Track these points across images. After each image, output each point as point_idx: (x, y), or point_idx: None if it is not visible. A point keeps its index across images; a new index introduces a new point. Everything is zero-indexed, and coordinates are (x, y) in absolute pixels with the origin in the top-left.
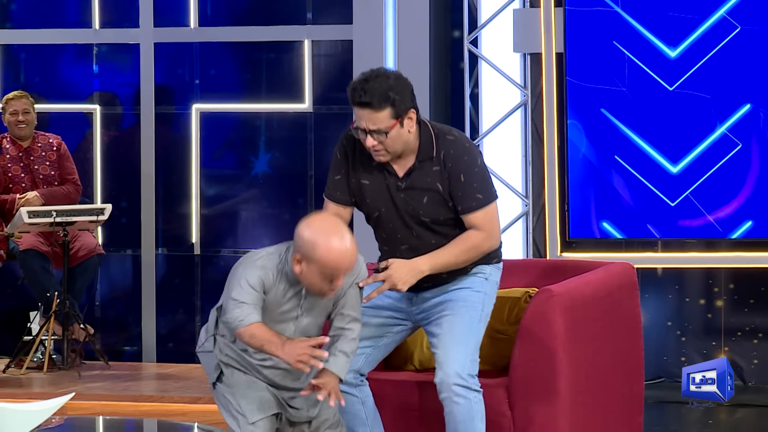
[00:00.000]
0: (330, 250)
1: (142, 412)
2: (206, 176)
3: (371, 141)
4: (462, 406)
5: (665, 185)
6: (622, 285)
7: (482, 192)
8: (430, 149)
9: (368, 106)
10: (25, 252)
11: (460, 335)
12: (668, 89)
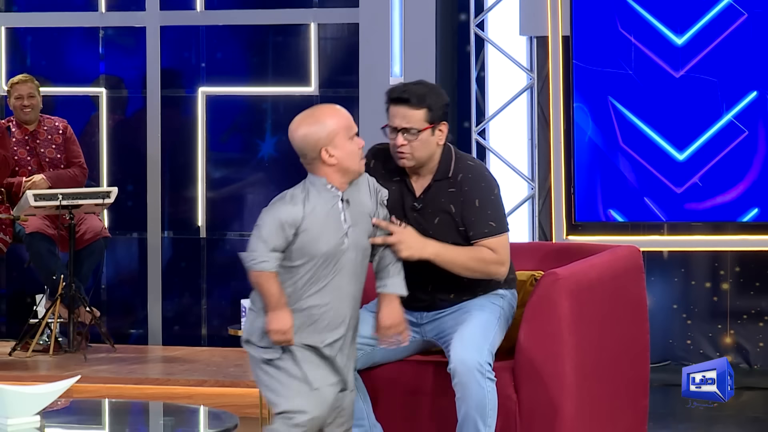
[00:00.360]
0: (334, 112)
1: (147, 395)
2: (212, 159)
3: (401, 140)
4: (477, 392)
5: (671, 172)
6: (628, 268)
7: (496, 221)
8: (447, 169)
9: (406, 102)
10: (31, 235)
11: (479, 328)
12: (675, 76)
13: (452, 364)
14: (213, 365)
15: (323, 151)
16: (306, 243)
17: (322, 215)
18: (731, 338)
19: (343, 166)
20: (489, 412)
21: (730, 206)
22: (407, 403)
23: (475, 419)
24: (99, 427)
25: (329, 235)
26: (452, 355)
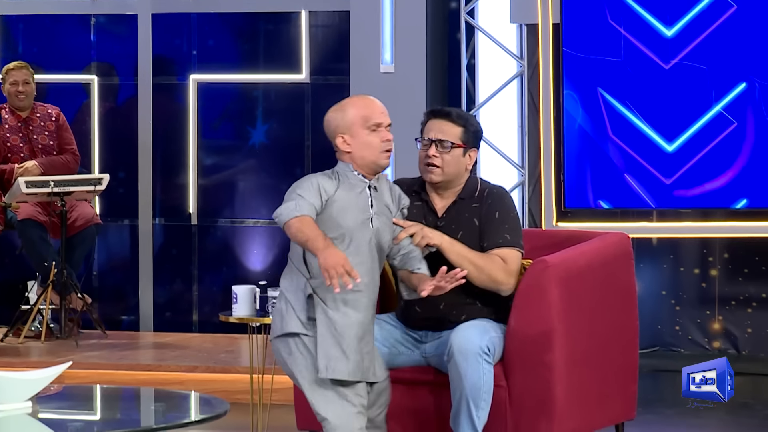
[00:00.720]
0: (360, 100)
1: (139, 381)
2: (204, 147)
3: (433, 150)
4: (473, 373)
5: (660, 163)
6: (618, 255)
7: (511, 235)
8: (473, 190)
9: (446, 116)
10: (23, 222)
11: (480, 325)
12: (664, 67)
13: (450, 346)
14: (204, 351)
15: (339, 137)
16: (335, 213)
17: (352, 193)
18: (720, 324)
19: (357, 155)
20: (483, 396)
21: (718, 193)
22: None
23: (468, 401)
24: (91, 412)
25: (356, 211)
26: (452, 339)
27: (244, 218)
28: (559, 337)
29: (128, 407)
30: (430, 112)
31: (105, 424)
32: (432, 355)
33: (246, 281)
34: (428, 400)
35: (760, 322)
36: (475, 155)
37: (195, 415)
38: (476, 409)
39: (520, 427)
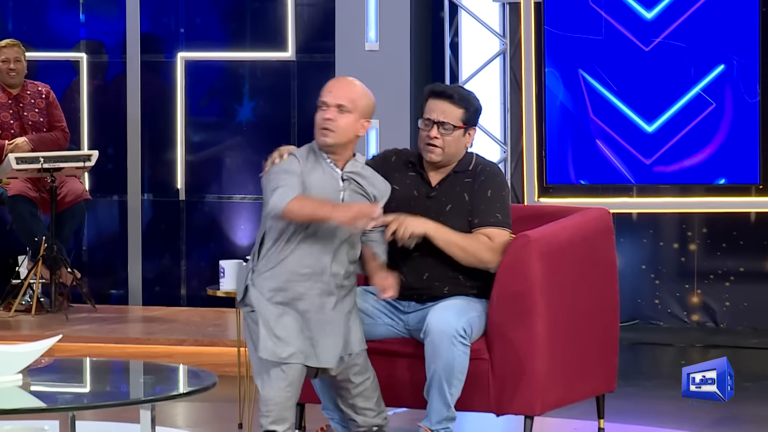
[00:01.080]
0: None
1: (128, 354)
2: (191, 123)
3: (435, 132)
4: (447, 353)
5: (640, 143)
6: (598, 230)
7: (502, 214)
8: (467, 165)
9: (449, 98)
10: (13, 198)
11: (460, 305)
12: (644, 50)
13: (427, 325)
14: (192, 325)
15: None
16: (305, 188)
17: (319, 176)
18: (698, 298)
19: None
20: (457, 375)
21: (697, 169)
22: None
23: (441, 378)
24: (81, 385)
25: (324, 190)
26: (429, 318)
27: (232, 194)
28: (540, 311)
29: (118, 380)
30: (432, 92)
31: (95, 396)
32: (414, 328)
33: (233, 256)
34: (407, 372)
35: (738, 296)
36: (474, 133)
37: (183, 388)
38: (449, 386)
39: (502, 399)
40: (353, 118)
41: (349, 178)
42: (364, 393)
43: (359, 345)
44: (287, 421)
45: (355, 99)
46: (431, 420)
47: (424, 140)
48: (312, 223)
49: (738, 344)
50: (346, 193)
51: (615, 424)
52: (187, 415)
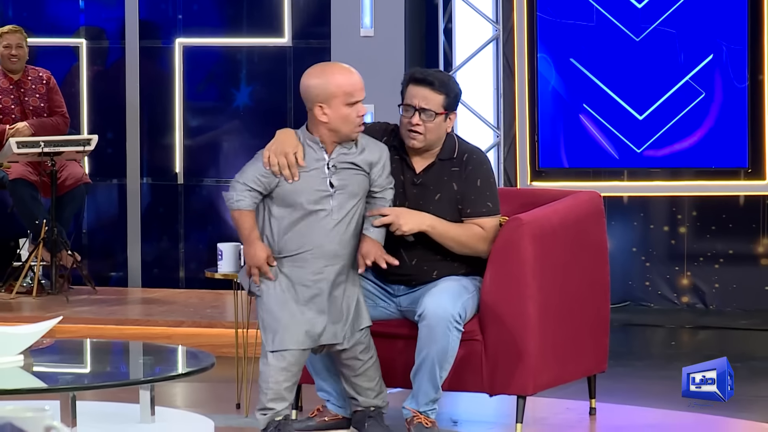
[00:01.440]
0: (343, 74)
1: (127, 335)
2: (189, 108)
3: (417, 119)
4: (442, 339)
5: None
6: (590, 213)
7: (492, 202)
8: (452, 151)
9: (430, 85)
10: (14, 181)
11: (453, 289)
12: (635, 39)
13: (423, 310)
14: (190, 307)
15: (317, 107)
16: (288, 192)
17: (305, 171)
18: (688, 280)
19: (332, 126)
20: (448, 359)
21: (687, 153)
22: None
23: (433, 362)
24: (81, 366)
25: (310, 192)
26: (425, 303)
27: (229, 178)
28: (532, 292)
29: (117, 360)
30: (412, 78)
31: (95, 377)
32: (407, 309)
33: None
34: (402, 353)
35: (727, 278)
36: (454, 117)
37: (182, 368)
38: (440, 370)
39: (495, 379)
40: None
41: (335, 164)
42: (367, 372)
43: (367, 320)
44: (285, 401)
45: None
46: (419, 401)
47: (406, 126)
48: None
49: (727, 325)
50: (332, 178)
51: (606, 404)
52: (186, 396)
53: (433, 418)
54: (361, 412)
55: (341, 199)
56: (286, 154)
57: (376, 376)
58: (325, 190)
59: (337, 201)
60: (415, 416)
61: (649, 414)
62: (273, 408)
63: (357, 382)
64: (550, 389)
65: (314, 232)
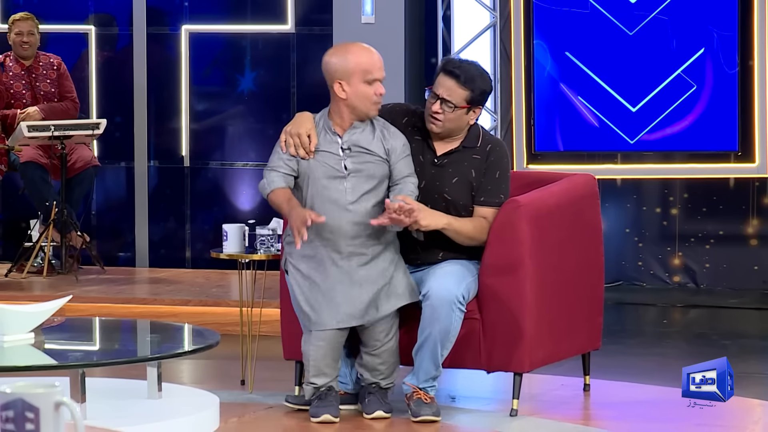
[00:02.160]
0: (361, 51)
1: (135, 314)
2: (195, 93)
3: (437, 107)
4: (445, 318)
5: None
6: (584, 195)
7: (504, 195)
8: (476, 140)
9: (456, 78)
10: (25, 164)
11: (457, 271)
12: (628, 33)
13: (428, 291)
14: (196, 286)
15: (336, 83)
16: (304, 170)
17: (320, 151)
18: (680, 260)
19: (352, 104)
20: (450, 338)
21: (679, 137)
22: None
23: (435, 341)
24: (90, 343)
25: (325, 168)
26: (430, 284)
27: (234, 161)
28: (529, 272)
29: (126, 338)
30: (444, 69)
31: (104, 354)
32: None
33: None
34: (405, 331)
35: (717, 258)
36: (479, 111)
37: (188, 346)
38: (442, 348)
39: (492, 356)
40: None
41: (349, 147)
42: (381, 354)
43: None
44: (327, 376)
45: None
46: (419, 378)
47: (428, 111)
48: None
49: (717, 304)
50: (347, 161)
51: (600, 381)
52: (192, 372)
53: (432, 395)
54: (365, 387)
55: (355, 182)
56: (299, 135)
57: (390, 360)
58: (340, 171)
59: (351, 183)
60: (415, 392)
61: (641, 390)
62: (315, 383)
63: (368, 360)
64: (546, 366)
65: (332, 213)
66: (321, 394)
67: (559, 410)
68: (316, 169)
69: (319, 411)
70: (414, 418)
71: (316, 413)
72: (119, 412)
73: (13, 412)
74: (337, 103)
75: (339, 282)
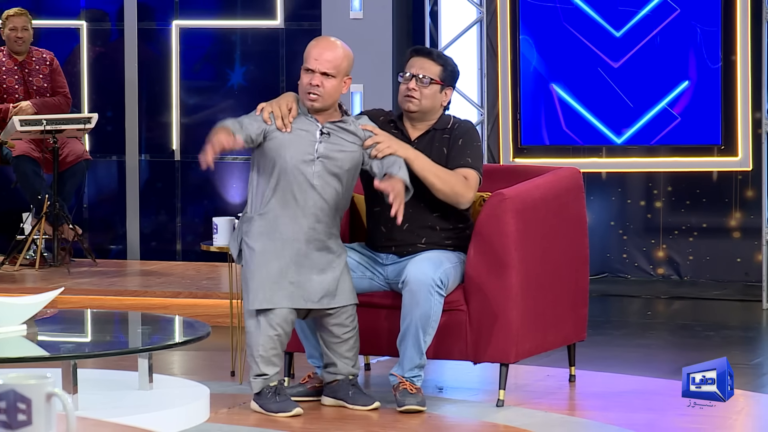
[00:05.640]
0: (314, 40)
1: (126, 306)
2: (186, 87)
3: (412, 83)
4: (425, 303)
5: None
6: (570, 188)
7: (473, 159)
8: (446, 123)
9: (428, 56)
10: (17, 158)
11: (436, 258)
12: (614, 66)
13: (406, 276)
14: (187, 278)
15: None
16: (276, 145)
17: (297, 130)
18: (664, 252)
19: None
20: (431, 323)
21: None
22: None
23: (417, 327)
24: (82, 335)
25: (295, 148)
26: (407, 270)
27: (224, 155)
28: (514, 264)
29: (117, 330)
30: (414, 51)
31: (95, 346)
32: (393, 281)
33: (225, 213)
34: (387, 322)
35: (701, 250)
36: (450, 93)
37: (179, 337)
38: (424, 334)
39: (479, 348)
40: (337, 81)
41: (328, 131)
42: (348, 341)
43: (349, 299)
44: (276, 366)
45: (338, 64)
46: (404, 367)
47: (403, 93)
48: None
49: (701, 296)
50: (321, 145)
51: (585, 372)
52: (183, 364)
53: (419, 385)
54: (341, 381)
55: (321, 167)
56: (280, 104)
57: (356, 345)
58: (310, 154)
59: (318, 168)
60: (401, 382)
61: (625, 380)
62: (265, 373)
63: (338, 349)
64: (532, 357)
65: (296, 194)
66: (277, 389)
67: (545, 400)
68: (288, 147)
69: (287, 406)
70: (399, 408)
71: (285, 408)
72: (111, 403)
73: (5, 402)
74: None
75: (295, 263)
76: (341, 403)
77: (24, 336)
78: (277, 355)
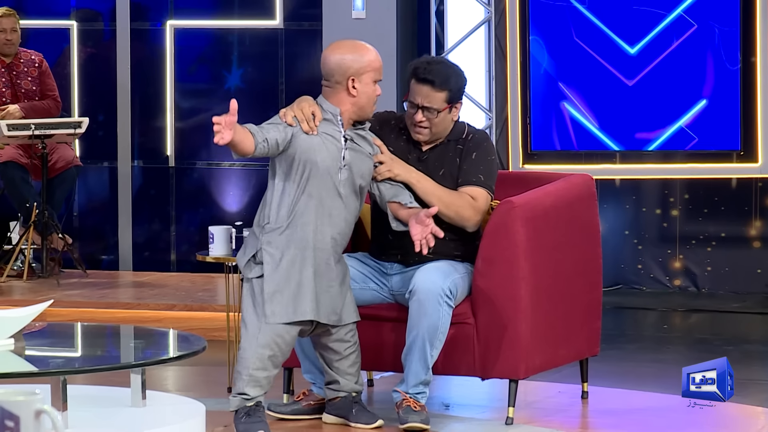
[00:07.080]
0: (373, 50)
1: (118, 319)
2: (180, 90)
3: (420, 116)
4: (433, 313)
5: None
6: (582, 196)
7: (485, 176)
8: (460, 134)
9: (430, 84)
10: (4, 164)
11: (444, 267)
12: (628, 85)
13: (414, 285)
14: (182, 290)
15: (350, 80)
16: (304, 149)
17: (323, 135)
18: (680, 263)
19: (360, 102)
20: (439, 336)
21: (679, 135)
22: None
23: (424, 339)
24: (72, 349)
25: (325, 152)
26: (415, 279)
27: (220, 160)
28: (524, 275)
29: (108, 344)
30: (414, 76)
31: (86, 361)
32: (398, 292)
33: (222, 222)
34: (392, 335)
35: (719, 261)
36: (460, 106)
37: (173, 352)
38: (431, 347)
39: (487, 363)
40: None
41: (350, 137)
42: (350, 357)
43: (354, 316)
44: (262, 388)
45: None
46: (408, 384)
47: (411, 120)
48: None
49: (719, 308)
50: (347, 152)
51: (598, 388)
52: (177, 379)
53: (423, 402)
54: (343, 398)
55: (347, 176)
56: (303, 108)
57: (358, 360)
58: (338, 161)
59: (345, 176)
60: (404, 399)
61: (641, 397)
62: (247, 394)
63: (340, 366)
64: (542, 373)
65: (324, 200)
66: (250, 410)
67: (557, 418)
68: (318, 151)
69: (252, 428)
70: (401, 426)
71: (249, 429)
72: (102, 421)
73: None
74: (342, 100)
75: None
76: (343, 421)
77: (11, 350)
78: (267, 378)
